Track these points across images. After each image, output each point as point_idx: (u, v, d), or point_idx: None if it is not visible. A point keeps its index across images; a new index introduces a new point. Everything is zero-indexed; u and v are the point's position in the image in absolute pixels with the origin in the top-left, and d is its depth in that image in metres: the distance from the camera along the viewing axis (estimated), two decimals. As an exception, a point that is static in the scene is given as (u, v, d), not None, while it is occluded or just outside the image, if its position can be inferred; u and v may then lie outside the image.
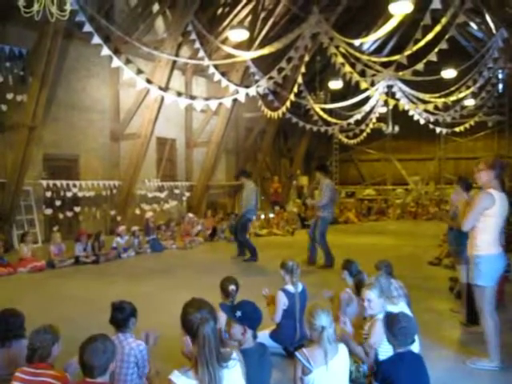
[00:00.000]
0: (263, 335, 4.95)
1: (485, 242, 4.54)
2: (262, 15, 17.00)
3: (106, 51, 10.32)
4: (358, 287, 4.82)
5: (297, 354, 3.24)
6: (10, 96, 11.84)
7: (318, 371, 3.09)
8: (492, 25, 15.73)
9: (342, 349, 3.29)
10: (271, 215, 17.17)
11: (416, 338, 4.15)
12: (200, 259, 11.24)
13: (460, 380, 4.39)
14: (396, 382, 3.27)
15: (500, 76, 19.66)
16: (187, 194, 18.00)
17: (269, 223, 16.32)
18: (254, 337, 3.35)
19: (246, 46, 15.28)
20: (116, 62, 10.85)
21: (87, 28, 9.67)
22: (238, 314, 3.26)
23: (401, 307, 4.45)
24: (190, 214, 14.65)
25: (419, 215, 21.87)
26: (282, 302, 4.86)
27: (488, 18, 15.66)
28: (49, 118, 12.97)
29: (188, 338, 3.69)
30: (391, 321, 3.51)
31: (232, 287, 4.60)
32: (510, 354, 4.80)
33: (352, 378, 3.59)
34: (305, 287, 5.09)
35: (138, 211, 15.35)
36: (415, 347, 3.99)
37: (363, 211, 22.18)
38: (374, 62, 15.31)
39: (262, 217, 16.71)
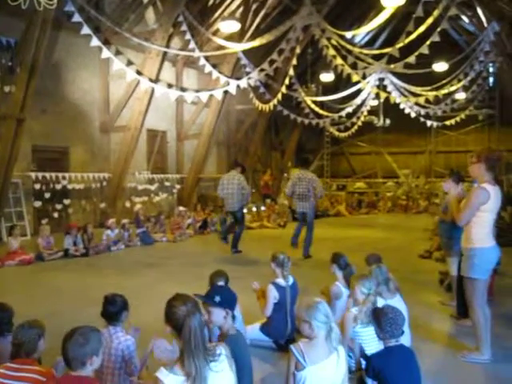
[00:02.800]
0: (254, 328, 4.94)
1: (480, 235, 4.55)
2: (254, 7, 16.88)
3: (95, 42, 10.22)
4: (348, 280, 4.82)
5: (292, 348, 3.12)
6: (-3, 87, 11.69)
7: (311, 368, 3.00)
8: (483, 18, 15.76)
9: (340, 350, 3.17)
10: (262, 208, 17.14)
11: (407, 330, 4.15)
12: (190, 252, 11.19)
13: (451, 373, 4.38)
14: (387, 375, 3.24)
15: (491, 69, 19.71)
16: (178, 186, 17.93)
17: (259, 216, 16.28)
18: (233, 318, 3.37)
19: (237, 37, 15.17)
20: (106, 53, 10.75)
21: (76, 18, 9.56)
22: (217, 298, 3.25)
23: (397, 300, 4.45)
24: (181, 207, 14.59)
25: (410, 208, 21.93)
26: (273, 295, 4.83)
27: (479, 11, 15.69)
28: (37, 109, 12.81)
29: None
30: (378, 314, 3.47)
31: (220, 283, 4.42)
32: (501, 346, 4.82)
33: None
34: (295, 280, 5.07)
35: (128, 204, 15.27)
36: (406, 340, 3.99)
37: (354, 204, 22.22)
38: (366, 55, 15.30)
39: (254, 209, 16.68)
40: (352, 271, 4.96)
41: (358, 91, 17.91)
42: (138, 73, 12.36)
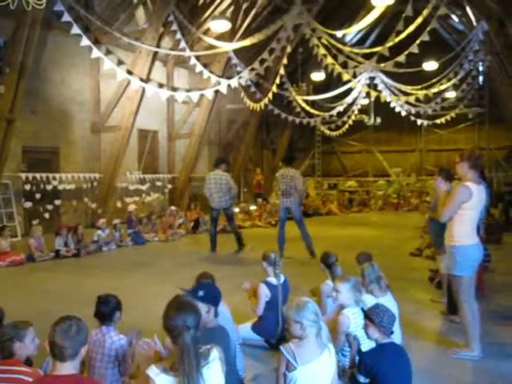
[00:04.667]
0: (245, 327, 4.94)
1: (461, 232, 4.61)
2: (244, 6, 16.87)
3: (85, 41, 10.19)
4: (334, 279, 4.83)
5: (282, 349, 3.09)
6: (-14, 87, 11.61)
7: (302, 369, 2.99)
8: (473, 17, 15.85)
9: (330, 347, 3.19)
10: (253, 207, 17.16)
11: (397, 328, 4.17)
12: (182, 252, 11.18)
13: (441, 370, 4.41)
14: (379, 372, 3.26)
15: (480, 68, 19.81)
16: (169, 186, 17.89)
17: (251, 215, 16.29)
18: (216, 315, 3.37)
19: (228, 37, 15.17)
20: (96, 53, 10.72)
21: (66, 18, 9.53)
22: (201, 293, 3.26)
23: (387, 298, 4.47)
24: (172, 207, 14.57)
25: (401, 207, 21.99)
26: (264, 294, 4.84)
27: (469, 10, 15.78)
28: (27, 109, 12.73)
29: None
30: (377, 313, 3.46)
31: None
32: (491, 343, 4.86)
33: None
34: (286, 279, 5.08)
35: (119, 204, 15.21)
36: (397, 338, 4.01)
37: (345, 203, 22.27)
38: (356, 54, 15.35)
39: (251, 208, 16.75)
40: (335, 270, 4.96)
41: (349, 90, 17.95)
42: (129, 72, 12.33)
